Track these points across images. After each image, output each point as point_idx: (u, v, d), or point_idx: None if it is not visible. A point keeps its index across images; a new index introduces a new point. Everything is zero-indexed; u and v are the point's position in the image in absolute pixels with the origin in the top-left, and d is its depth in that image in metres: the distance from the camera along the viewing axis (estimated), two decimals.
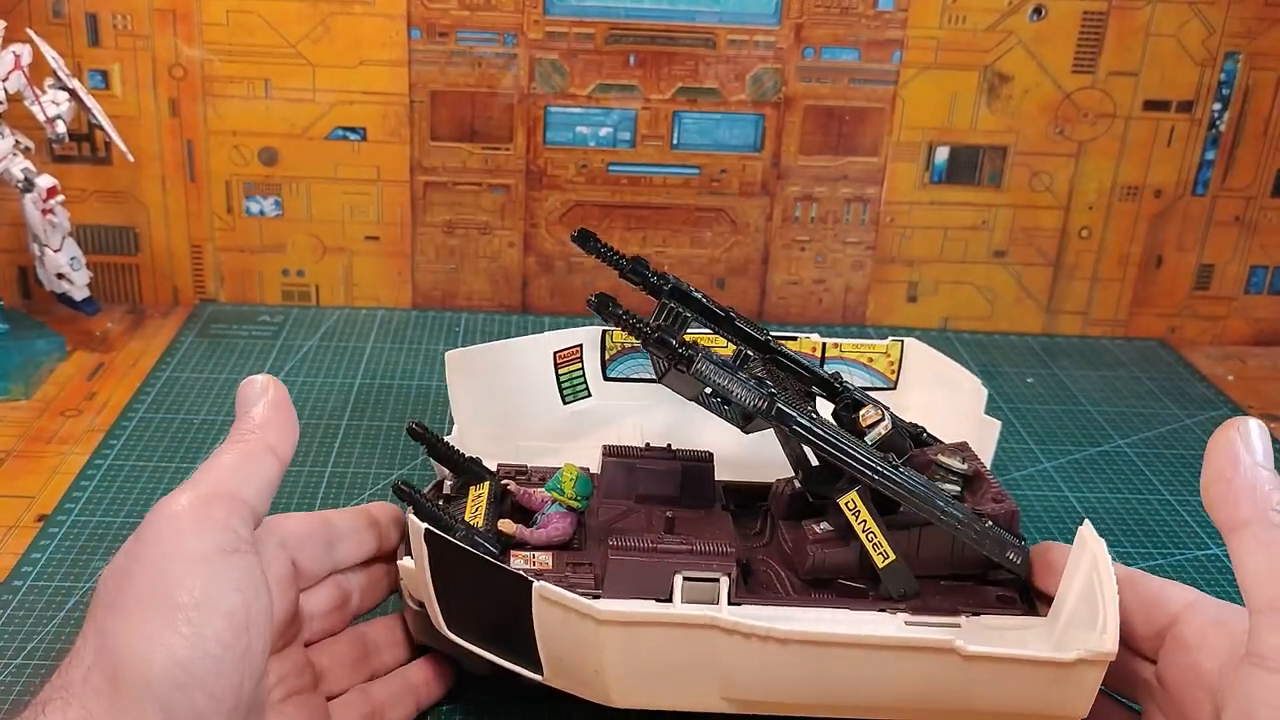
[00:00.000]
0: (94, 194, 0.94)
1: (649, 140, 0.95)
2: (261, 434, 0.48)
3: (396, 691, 0.54)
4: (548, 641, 0.49)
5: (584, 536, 0.57)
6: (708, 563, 0.53)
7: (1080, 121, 0.96)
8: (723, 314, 0.60)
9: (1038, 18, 0.93)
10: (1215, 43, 0.94)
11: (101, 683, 0.41)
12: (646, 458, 0.61)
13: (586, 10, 0.91)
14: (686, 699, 0.50)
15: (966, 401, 0.66)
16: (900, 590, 0.54)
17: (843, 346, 0.70)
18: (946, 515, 0.53)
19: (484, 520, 0.55)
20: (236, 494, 0.45)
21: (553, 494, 0.56)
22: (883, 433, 0.57)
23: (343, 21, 0.90)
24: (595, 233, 0.58)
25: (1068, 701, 0.48)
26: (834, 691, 0.49)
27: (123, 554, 0.44)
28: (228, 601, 0.42)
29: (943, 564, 0.56)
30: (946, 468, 0.57)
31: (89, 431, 0.78)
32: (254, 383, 0.50)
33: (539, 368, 0.69)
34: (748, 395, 0.53)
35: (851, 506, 0.54)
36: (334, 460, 0.75)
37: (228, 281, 0.98)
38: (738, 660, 0.48)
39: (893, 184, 0.97)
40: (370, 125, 0.93)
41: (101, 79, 0.91)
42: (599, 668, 0.48)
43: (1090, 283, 1.01)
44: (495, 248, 0.98)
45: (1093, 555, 0.50)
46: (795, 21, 0.92)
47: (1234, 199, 0.99)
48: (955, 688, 0.48)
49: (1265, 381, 0.97)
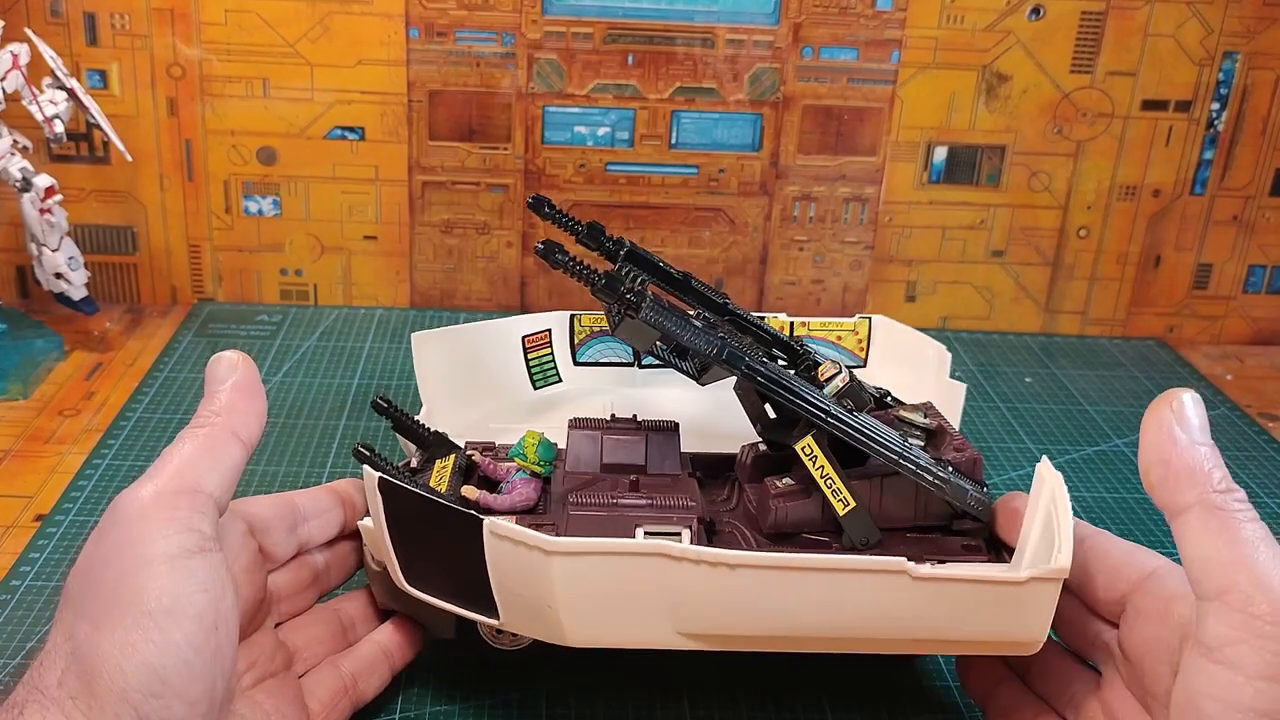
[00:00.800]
0: (92, 193, 0.94)
1: (647, 140, 0.95)
2: (226, 419, 0.47)
3: (368, 660, 0.54)
4: (501, 582, 0.48)
5: (548, 502, 0.57)
6: (668, 516, 0.53)
7: (1078, 121, 0.96)
8: (680, 277, 0.60)
9: (1036, 17, 0.93)
10: (1213, 42, 0.94)
11: (78, 689, 0.41)
12: (612, 428, 0.61)
13: (585, 10, 0.91)
14: (642, 635, 0.49)
15: (931, 369, 0.67)
16: (862, 538, 0.54)
17: (810, 325, 0.71)
18: (906, 459, 0.53)
19: (448, 488, 0.55)
20: (199, 487, 0.45)
21: (516, 460, 0.56)
22: (840, 385, 0.57)
23: (341, 21, 0.90)
24: (550, 199, 0.59)
25: (1024, 624, 0.48)
26: (788, 621, 0.48)
27: (86, 554, 0.44)
28: (195, 604, 0.42)
29: (906, 515, 0.56)
30: (910, 422, 0.57)
31: (87, 431, 0.78)
32: (223, 359, 0.49)
33: (508, 352, 0.69)
34: (698, 339, 0.53)
35: (808, 451, 0.53)
36: (332, 460, 0.75)
37: (226, 281, 0.98)
38: (689, 590, 0.47)
39: (891, 184, 0.97)
40: (368, 125, 0.93)
41: (99, 78, 0.91)
42: (551, 603, 0.48)
43: (1088, 282, 1.01)
44: (493, 247, 0.98)
45: (1050, 489, 0.50)
46: (794, 21, 0.92)
47: (1232, 198, 0.99)
48: (909, 613, 0.48)
49: (1263, 380, 0.97)
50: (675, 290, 0.61)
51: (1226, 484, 0.44)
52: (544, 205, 0.59)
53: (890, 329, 0.71)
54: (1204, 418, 0.45)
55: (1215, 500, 0.43)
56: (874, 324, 0.71)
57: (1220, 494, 0.43)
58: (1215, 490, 0.43)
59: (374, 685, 0.54)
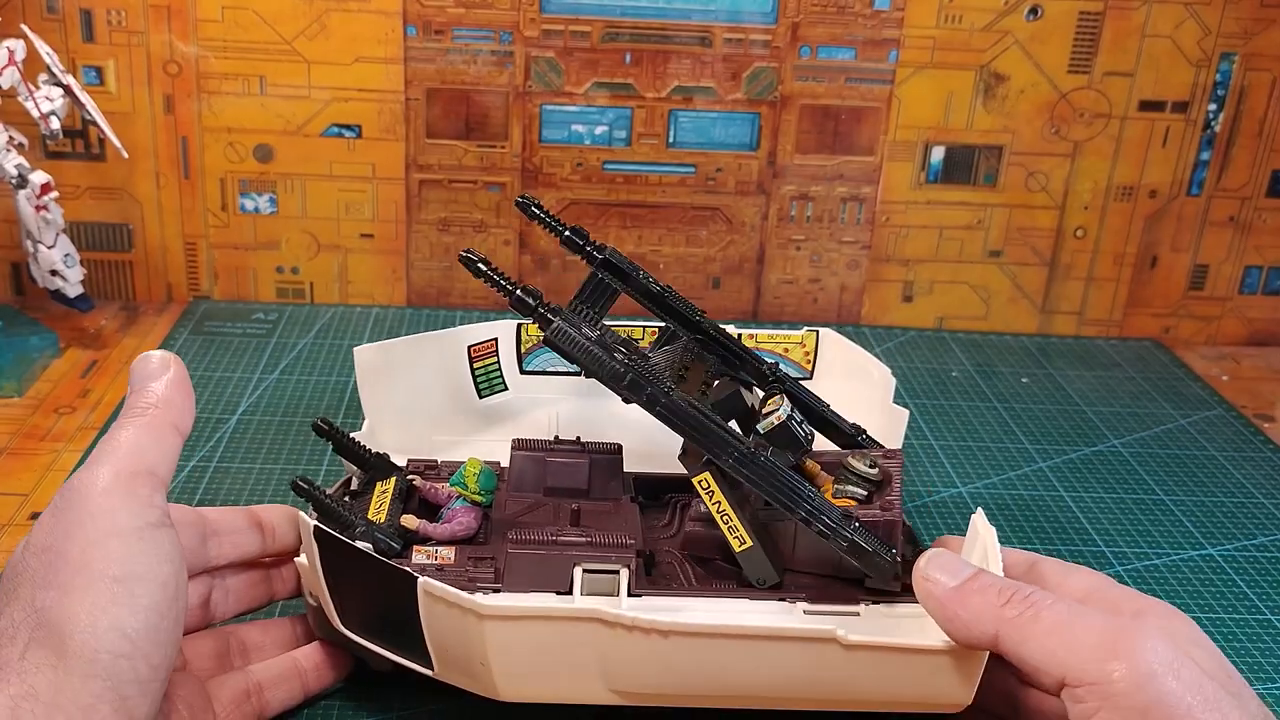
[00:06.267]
0: (88, 190, 0.94)
1: (645, 138, 0.95)
2: (164, 411, 0.48)
3: (280, 673, 0.54)
4: (435, 636, 0.49)
5: (489, 530, 0.57)
6: (607, 555, 0.53)
7: (1076, 121, 0.96)
8: (657, 292, 0.60)
9: (1034, 18, 0.93)
10: (1210, 43, 0.94)
11: (43, 658, 0.41)
12: (555, 450, 0.61)
13: (582, 8, 0.91)
14: (574, 692, 0.49)
15: (877, 391, 0.67)
16: (758, 578, 0.54)
17: (758, 337, 0.71)
18: (803, 513, 0.53)
19: (387, 516, 0.55)
20: (154, 471, 0.46)
21: (456, 488, 0.56)
22: (774, 423, 0.56)
23: (338, 18, 0.90)
24: (539, 200, 0.59)
25: (951, 689, 0.48)
26: (721, 682, 0.48)
27: (43, 532, 0.44)
28: (162, 572, 0.43)
29: (826, 564, 0.55)
30: (854, 470, 0.57)
31: (82, 429, 0.78)
32: (150, 359, 0.49)
33: (453, 362, 0.69)
34: (602, 364, 0.52)
35: (705, 486, 0.53)
36: (328, 459, 0.75)
37: (222, 278, 0.97)
38: (622, 653, 0.48)
39: (888, 183, 0.97)
40: (365, 122, 0.93)
41: (96, 75, 0.90)
42: (484, 661, 0.48)
43: (1085, 283, 1.01)
44: (490, 246, 0.98)
45: (984, 545, 0.50)
46: (791, 20, 0.92)
47: (1229, 199, 0.99)
48: (839, 677, 0.48)
49: (1259, 381, 0.97)
50: (649, 303, 0.60)
51: (1002, 595, 0.45)
52: (530, 205, 0.59)
53: (838, 344, 0.71)
54: (950, 558, 0.48)
55: (1008, 614, 0.45)
56: (821, 337, 0.71)
57: (1004, 607, 0.45)
58: (1002, 609, 0.45)
59: (280, 698, 0.54)
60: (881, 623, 0.53)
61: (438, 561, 0.54)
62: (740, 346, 0.62)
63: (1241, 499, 0.78)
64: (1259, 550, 0.72)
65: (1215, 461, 0.82)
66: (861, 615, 0.54)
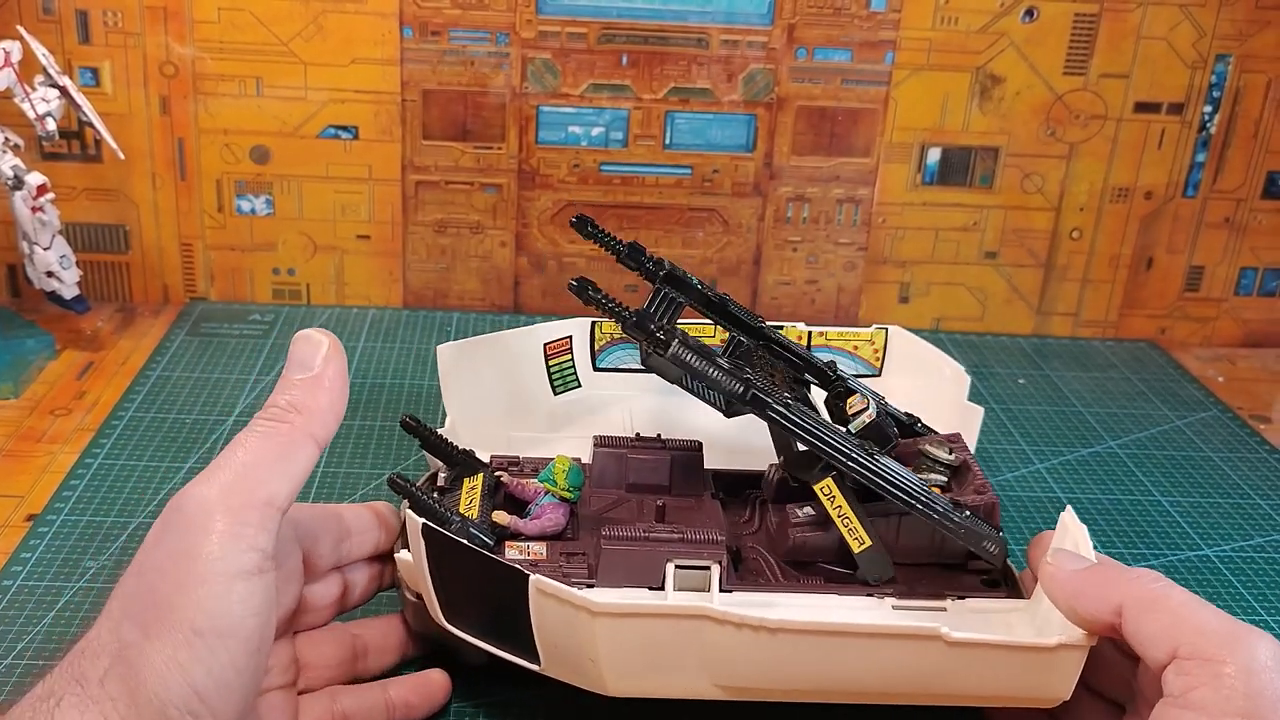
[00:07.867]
0: (84, 192, 0.93)
1: (641, 140, 0.95)
2: (305, 419, 0.45)
3: (368, 705, 0.53)
4: (544, 633, 0.49)
5: (576, 526, 0.57)
6: (699, 551, 0.54)
7: (1071, 123, 0.96)
8: (717, 300, 0.61)
9: (1029, 20, 0.93)
10: (1206, 45, 0.94)
11: (119, 693, 0.40)
12: (637, 448, 0.62)
13: (579, 10, 0.91)
14: (680, 687, 0.50)
15: (949, 388, 0.67)
16: (876, 576, 0.55)
17: (828, 335, 0.72)
18: (921, 505, 0.54)
19: (479, 512, 0.55)
20: (271, 500, 0.43)
21: (545, 485, 0.57)
22: (866, 421, 0.58)
23: (335, 20, 0.90)
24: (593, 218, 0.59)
25: (1050, 685, 0.49)
26: (823, 678, 0.49)
27: (144, 555, 0.43)
28: (246, 627, 0.42)
29: (924, 552, 0.57)
30: (933, 458, 0.58)
31: (79, 431, 0.77)
32: (310, 339, 0.46)
33: (530, 359, 0.70)
34: (724, 380, 0.53)
35: (827, 492, 0.54)
36: (325, 460, 0.75)
37: (218, 280, 0.97)
38: (729, 649, 0.48)
39: (885, 185, 0.97)
40: (362, 124, 0.93)
41: (92, 76, 0.90)
42: (594, 658, 0.49)
43: (1081, 284, 1.01)
44: (487, 247, 0.98)
45: (1073, 541, 0.51)
46: (788, 22, 0.92)
47: (1224, 201, 0.99)
48: (941, 672, 0.48)
49: (1255, 383, 0.97)
50: (711, 313, 0.61)
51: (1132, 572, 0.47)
52: (587, 225, 0.60)
53: (908, 341, 0.72)
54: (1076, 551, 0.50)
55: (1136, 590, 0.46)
56: (890, 335, 0.72)
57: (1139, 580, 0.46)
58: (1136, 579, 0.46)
59: None
60: (968, 618, 0.54)
61: (530, 557, 0.55)
62: (798, 349, 0.63)
63: (1237, 500, 0.78)
64: (1255, 551, 0.72)
65: (1211, 462, 0.83)
66: (949, 610, 0.54)
